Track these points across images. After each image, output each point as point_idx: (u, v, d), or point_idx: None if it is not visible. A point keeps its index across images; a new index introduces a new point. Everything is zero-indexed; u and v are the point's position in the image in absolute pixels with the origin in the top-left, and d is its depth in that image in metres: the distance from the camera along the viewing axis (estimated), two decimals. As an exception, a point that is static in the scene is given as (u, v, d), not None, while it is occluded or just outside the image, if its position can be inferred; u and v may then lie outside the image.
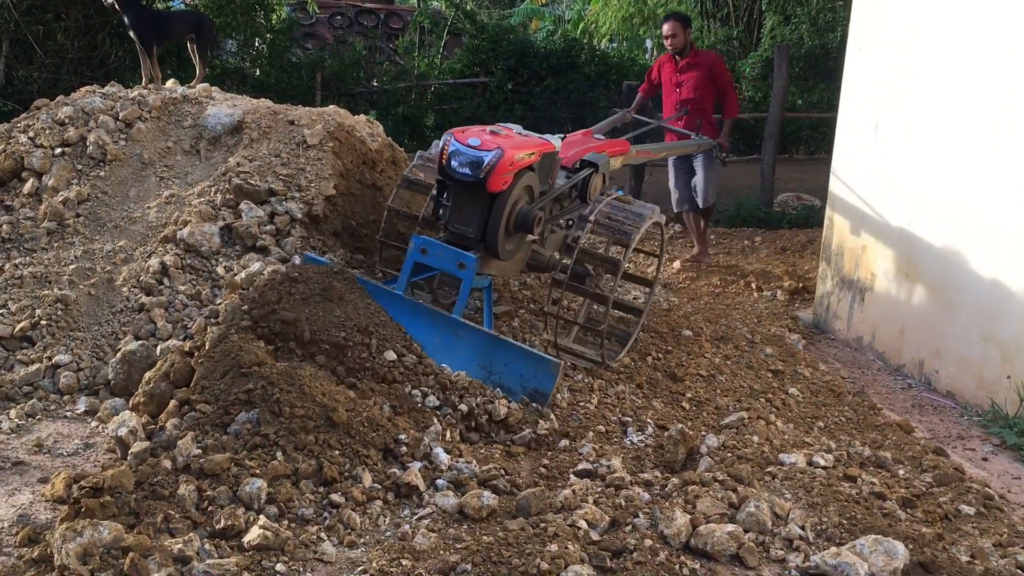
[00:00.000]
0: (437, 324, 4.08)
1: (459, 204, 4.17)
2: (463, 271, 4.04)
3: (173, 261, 4.54)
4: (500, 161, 3.96)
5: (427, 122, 14.50)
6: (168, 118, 5.47)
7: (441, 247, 4.09)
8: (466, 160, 3.99)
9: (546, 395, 3.95)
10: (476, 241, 4.16)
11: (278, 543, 2.80)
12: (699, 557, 3.04)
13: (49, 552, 2.66)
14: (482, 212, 4.12)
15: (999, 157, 4.72)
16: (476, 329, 4.10)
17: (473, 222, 4.14)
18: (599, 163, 4.81)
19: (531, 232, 4.27)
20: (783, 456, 3.80)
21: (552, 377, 3.95)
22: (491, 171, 3.96)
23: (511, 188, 4.11)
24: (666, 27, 7.44)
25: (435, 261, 4.11)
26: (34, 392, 4.06)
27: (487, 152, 3.97)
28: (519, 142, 4.16)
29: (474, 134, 4.10)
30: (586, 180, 4.72)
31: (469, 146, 4.00)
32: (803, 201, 10.67)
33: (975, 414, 4.79)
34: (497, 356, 4.02)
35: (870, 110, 5.89)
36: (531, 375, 3.97)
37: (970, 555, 3.17)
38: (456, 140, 4.06)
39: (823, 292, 6.43)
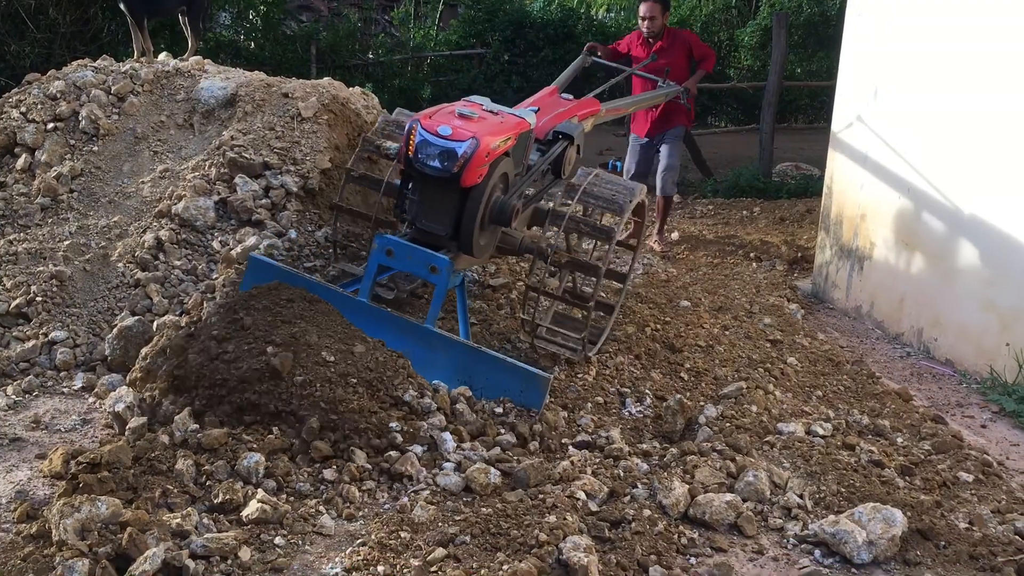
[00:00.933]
0: (408, 335, 3.64)
1: (428, 199, 3.70)
2: (436, 275, 3.64)
3: (168, 236, 4.52)
4: (476, 152, 3.53)
5: (423, 94, 14.40)
6: (161, 92, 5.41)
7: (409, 248, 3.65)
8: (436, 152, 3.54)
9: (535, 413, 3.58)
10: (447, 239, 3.74)
11: (276, 516, 2.80)
12: (697, 527, 3.05)
13: (47, 528, 2.66)
14: (454, 207, 3.68)
15: (998, 125, 4.69)
16: (453, 340, 3.70)
17: (444, 219, 3.70)
18: (574, 134, 4.43)
19: (508, 225, 3.86)
20: (781, 425, 3.80)
21: (541, 393, 3.57)
22: (466, 164, 3.53)
23: (487, 179, 3.69)
24: (644, 8, 6.94)
25: (403, 264, 3.69)
26: (31, 369, 4.04)
27: (461, 143, 3.53)
28: (494, 126, 3.71)
29: (443, 120, 3.64)
30: (561, 153, 4.35)
31: (439, 135, 3.55)
32: (802, 171, 10.63)
33: (974, 381, 4.79)
34: (478, 369, 3.62)
35: (869, 78, 5.84)
36: (517, 390, 3.59)
37: (968, 522, 3.18)
38: (424, 128, 3.59)
39: (822, 261, 6.41)
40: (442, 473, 3.13)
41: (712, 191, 9.88)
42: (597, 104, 4.99)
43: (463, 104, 3.85)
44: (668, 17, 7.11)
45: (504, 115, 3.90)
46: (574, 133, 4.43)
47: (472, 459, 3.22)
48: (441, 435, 3.28)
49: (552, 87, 5.02)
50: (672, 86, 6.60)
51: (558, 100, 4.78)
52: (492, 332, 4.28)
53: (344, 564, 2.61)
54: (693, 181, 10.37)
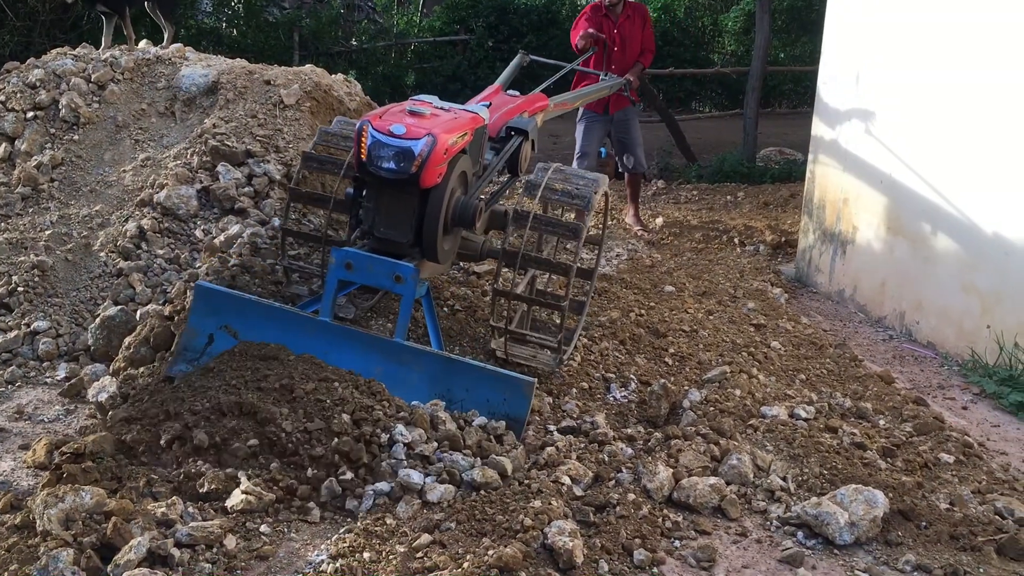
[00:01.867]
0: (378, 352, 3.44)
1: (385, 205, 3.49)
2: (401, 285, 3.42)
3: (150, 225, 4.49)
4: (433, 150, 3.32)
5: (407, 81, 14.35)
6: (141, 80, 5.38)
7: (369, 259, 3.42)
8: (391, 153, 3.32)
9: (521, 420, 3.37)
10: (409, 246, 3.53)
11: (261, 507, 2.80)
12: (682, 510, 3.07)
13: (31, 518, 2.65)
14: (414, 211, 3.47)
15: (980, 108, 4.71)
16: (426, 352, 3.49)
17: (404, 224, 3.48)
18: (528, 129, 4.26)
19: (472, 227, 3.68)
20: (765, 409, 3.82)
21: (526, 399, 3.36)
22: (424, 163, 3.31)
23: (446, 179, 3.49)
24: None
25: (364, 277, 3.47)
26: (13, 359, 4.02)
27: (416, 140, 3.31)
28: (448, 122, 3.51)
29: (395, 119, 3.42)
30: (516, 149, 4.19)
31: (393, 135, 3.33)
32: (785, 155, 10.67)
33: (955, 364, 4.83)
34: (456, 380, 3.40)
35: (851, 63, 5.86)
36: (500, 399, 3.37)
37: (949, 502, 3.22)
38: (375, 129, 3.37)
39: (805, 246, 6.44)
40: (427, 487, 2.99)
41: (696, 176, 9.90)
42: (545, 99, 4.85)
43: (412, 102, 3.64)
44: None
45: (457, 111, 3.71)
46: (528, 128, 4.27)
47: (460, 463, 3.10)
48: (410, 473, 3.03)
49: (496, 85, 4.90)
50: (614, 78, 6.52)
51: (505, 97, 4.63)
52: (477, 319, 4.28)
53: (330, 551, 2.61)
54: (677, 166, 10.39)
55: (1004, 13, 4.56)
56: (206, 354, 3.46)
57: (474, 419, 3.34)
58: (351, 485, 2.95)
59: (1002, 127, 4.56)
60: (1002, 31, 4.57)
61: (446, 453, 3.13)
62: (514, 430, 3.34)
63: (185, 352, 3.50)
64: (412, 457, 3.07)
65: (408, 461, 3.04)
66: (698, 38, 16.18)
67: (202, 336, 3.50)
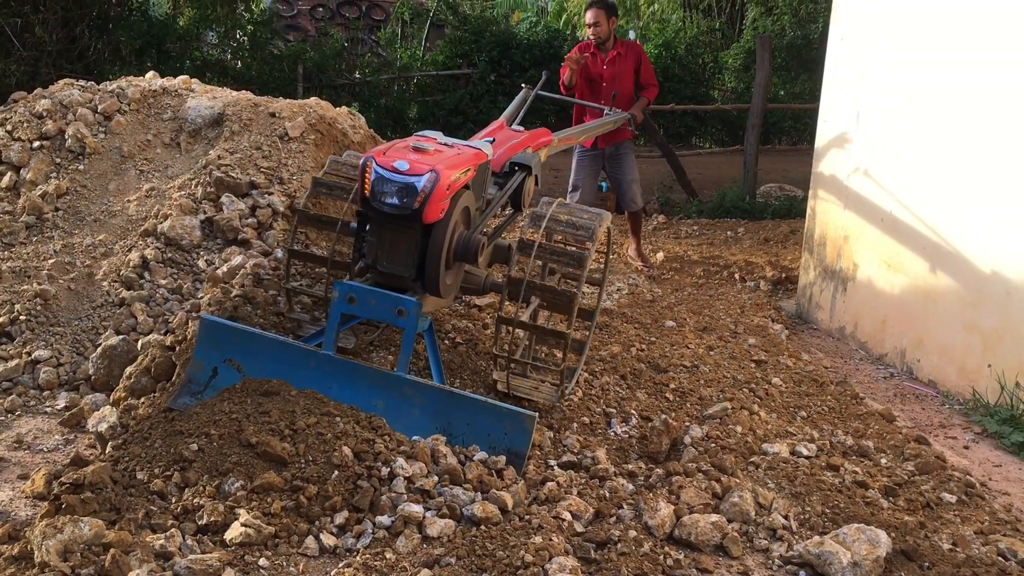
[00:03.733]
0: (378, 385, 3.45)
1: (387, 240, 3.51)
2: (404, 319, 3.42)
3: (154, 255, 4.51)
4: (436, 186, 3.35)
5: (410, 114, 14.45)
6: (148, 111, 5.42)
7: (372, 293, 3.44)
8: (395, 188, 3.36)
9: (523, 456, 3.34)
10: (411, 281, 3.54)
11: (260, 540, 2.79)
12: (683, 548, 3.05)
13: (29, 549, 2.64)
14: (417, 246, 3.49)
15: (980, 146, 4.74)
16: (427, 386, 3.46)
17: (407, 259, 3.50)
18: (531, 164, 4.31)
19: (474, 262, 3.69)
20: (766, 446, 3.81)
21: (527, 433, 3.34)
22: (427, 199, 3.33)
23: (449, 215, 3.51)
24: (589, 15, 6.88)
25: (367, 311, 3.47)
26: (13, 388, 4.02)
27: (419, 177, 3.34)
28: (452, 158, 3.54)
29: (399, 155, 3.46)
30: (519, 185, 4.22)
31: (396, 171, 3.37)
32: (786, 192, 10.72)
33: (956, 403, 4.82)
34: (457, 414, 3.39)
35: (852, 101, 5.90)
36: (501, 433, 3.35)
37: (952, 543, 3.20)
38: (379, 165, 3.40)
39: (806, 282, 6.45)
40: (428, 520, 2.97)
41: (697, 211, 9.95)
42: (549, 134, 4.86)
43: (416, 139, 3.67)
44: (615, 24, 7.02)
45: (460, 147, 3.74)
46: (531, 163, 4.31)
47: (460, 496, 3.09)
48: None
49: (500, 120, 4.91)
50: (619, 113, 6.53)
51: (510, 132, 4.64)
52: (478, 352, 4.28)
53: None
54: (678, 201, 10.44)
55: (998, 57, 4.61)
56: (210, 387, 3.46)
57: (475, 454, 3.33)
58: (350, 521, 2.94)
59: (1003, 166, 4.59)
60: (999, 76, 4.61)
61: (446, 487, 3.12)
62: (515, 465, 3.31)
63: (189, 384, 3.49)
64: (412, 491, 3.06)
65: (408, 495, 3.03)
66: (699, 75, 16.31)
67: (207, 369, 3.51)
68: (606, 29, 6.86)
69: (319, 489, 2.99)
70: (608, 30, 6.87)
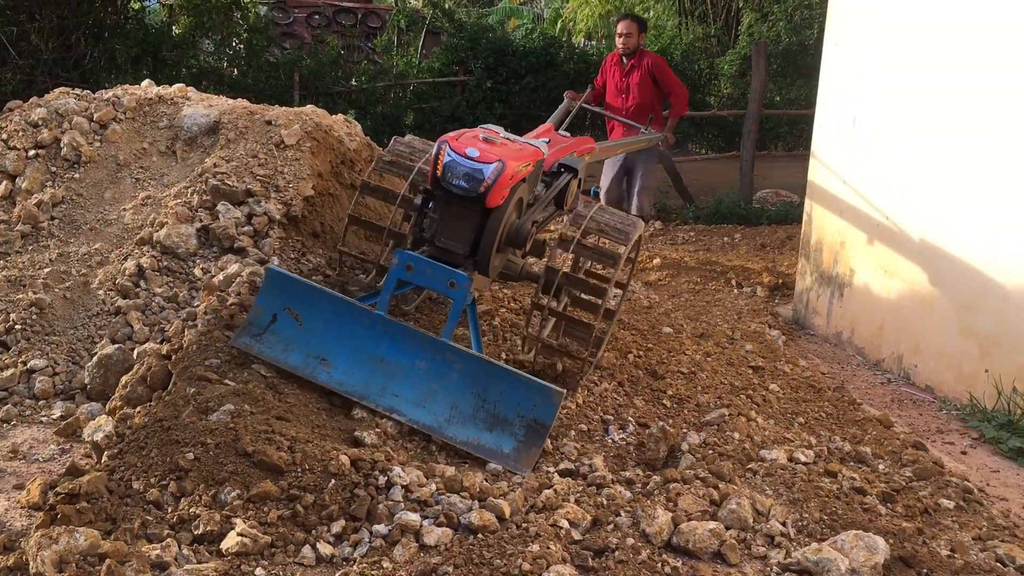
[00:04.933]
0: (424, 348, 3.69)
1: (449, 218, 3.83)
2: (455, 290, 3.69)
3: (149, 263, 4.50)
4: (501, 175, 3.68)
5: (406, 121, 14.45)
6: (143, 119, 5.41)
7: (429, 264, 3.72)
8: (464, 172, 3.67)
9: (547, 426, 3.58)
10: (464, 258, 3.84)
11: (257, 549, 2.77)
12: (681, 555, 3.04)
13: (24, 560, 2.62)
14: (475, 228, 3.81)
15: (976, 151, 4.75)
16: (468, 354, 3.72)
17: (464, 238, 3.81)
18: (577, 167, 4.63)
19: (523, 247, 4.02)
20: (764, 452, 3.80)
21: (554, 407, 3.58)
22: (492, 186, 3.67)
23: (507, 202, 3.83)
24: (621, 25, 7.38)
25: (422, 279, 3.75)
26: (9, 397, 4.00)
27: (488, 164, 3.67)
28: (516, 152, 3.88)
29: (470, 143, 3.77)
30: (565, 185, 4.54)
31: (467, 157, 3.69)
32: (782, 198, 10.74)
33: (954, 408, 4.82)
34: (492, 383, 3.62)
35: (848, 106, 5.91)
36: (530, 404, 3.58)
37: (950, 549, 3.19)
38: (452, 149, 3.72)
39: (802, 288, 6.45)
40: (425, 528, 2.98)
41: (693, 217, 9.96)
42: (592, 142, 5.19)
43: (483, 130, 3.99)
44: (644, 38, 7.46)
45: (521, 143, 4.05)
46: (577, 166, 4.62)
47: (457, 505, 3.09)
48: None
49: (548, 124, 5.22)
50: (653, 133, 6.89)
51: (558, 136, 4.98)
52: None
53: (326, 595, 2.58)
54: (674, 207, 10.44)
55: (993, 61, 4.62)
56: (268, 331, 3.74)
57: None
58: (347, 530, 2.93)
59: (999, 171, 4.60)
60: (994, 79, 4.62)
61: (444, 495, 3.11)
62: (538, 434, 3.55)
63: (250, 327, 3.76)
64: (409, 500, 3.05)
65: (406, 504, 3.03)
66: (695, 81, 16.32)
67: (267, 315, 3.77)
68: (635, 41, 7.35)
69: (316, 498, 2.99)
70: (637, 43, 7.36)
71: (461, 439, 3.56)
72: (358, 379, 3.66)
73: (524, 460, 3.51)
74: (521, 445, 3.55)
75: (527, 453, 3.53)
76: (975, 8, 4.82)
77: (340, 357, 3.69)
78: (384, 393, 3.63)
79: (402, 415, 3.59)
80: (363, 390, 3.63)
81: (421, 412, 3.60)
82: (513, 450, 3.54)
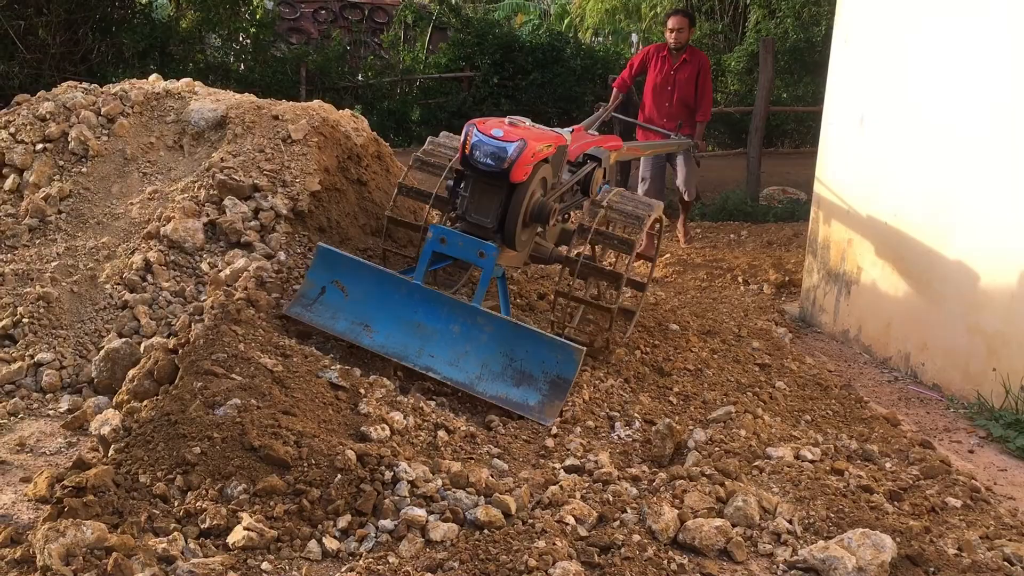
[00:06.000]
0: (457, 313, 4.09)
1: (478, 194, 4.17)
2: (483, 260, 4.08)
3: (157, 257, 4.50)
4: (523, 152, 3.99)
5: (412, 116, 14.46)
6: (151, 113, 5.41)
7: (460, 236, 4.11)
8: (489, 150, 4.00)
9: (568, 381, 3.95)
10: (493, 232, 4.16)
11: (263, 543, 2.78)
12: (687, 552, 3.04)
13: (31, 552, 2.63)
14: (501, 203, 4.14)
15: (984, 149, 4.73)
16: (497, 317, 4.11)
17: (491, 213, 4.15)
18: (601, 157, 4.91)
19: (547, 223, 4.33)
20: (770, 450, 3.80)
21: (575, 363, 3.95)
22: (514, 162, 3.98)
23: (530, 179, 4.14)
24: (673, 21, 7.64)
25: (454, 250, 4.12)
26: (16, 391, 4.01)
27: (510, 143, 3.99)
28: (538, 134, 4.21)
29: (495, 125, 4.12)
30: (589, 174, 4.81)
31: (492, 136, 4.02)
32: (789, 195, 10.71)
33: (961, 406, 4.81)
34: (519, 343, 4.01)
35: (856, 103, 5.89)
36: (553, 361, 3.96)
37: (957, 547, 3.18)
38: (479, 131, 4.07)
39: (809, 285, 6.44)
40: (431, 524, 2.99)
41: (700, 214, 9.93)
42: (620, 141, 5.54)
43: (510, 117, 4.31)
44: (693, 33, 7.80)
45: (545, 129, 4.41)
46: (602, 156, 4.95)
47: (464, 501, 3.09)
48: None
49: (578, 125, 5.51)
50: (682, 138, 7.29)
51: (585, 134, 5.31)
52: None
53: (332, 590, 2.58)
54: (680, 204, 10.42)
55: (1005, 59, 4.60)
56: (318, 302, 4.15)
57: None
58: (353, 525, 2.93)
59: (1008, 170, 4.58)
60: (1005, 79, 4.60)
61: (450, 491, 3.11)
62: (560, 388, 3.94)
63: (301, 298, 4.18)
64: (416, 495, 3.05)
65: (412, 499, 3.03)
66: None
67: (317, 287, 4.18)
68: (686, 36, 7.59)
69: (322, 492, 2.99)
70: (688, 37, 7.61)
71: (490, 394, 3.94)
72: (397, 342, 4.05)
73: (548, 411, 3.90)
74: (545, 398, 3.93)
75: (551, 405, 3.92)
76: (983, 8, 4.79)
77: (381, 323, 4.08)
78: (421, 354, 4.02)
79: (437, 373, 3.97)
80: (402, 352, 4.02)
81: (454, 371, 3.98)
82: (538, 403, 3.92)
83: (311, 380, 3.63)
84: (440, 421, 3.66)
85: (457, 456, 3.46)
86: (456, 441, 3.58)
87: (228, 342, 3.70)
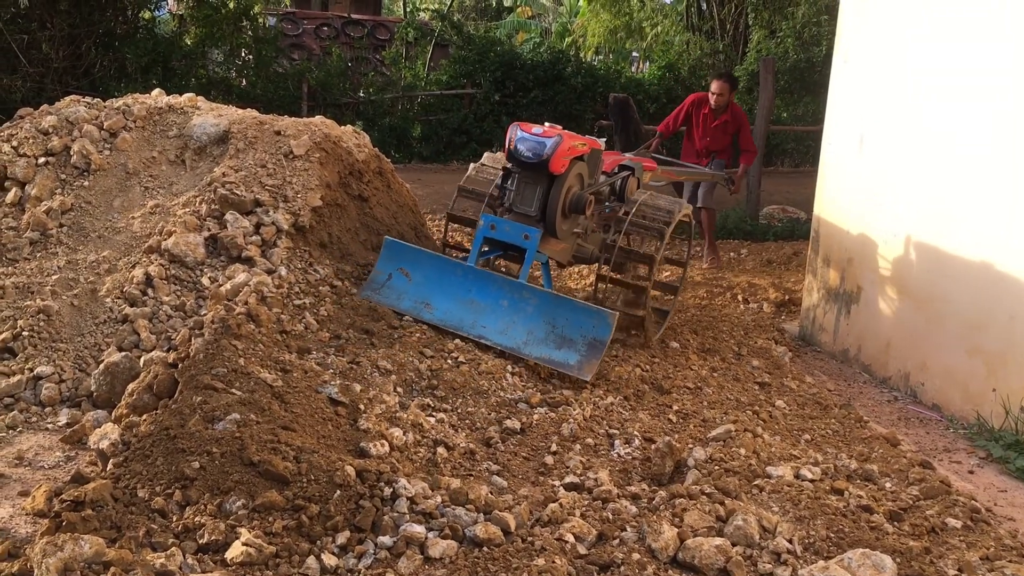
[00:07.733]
0: (505, 289, 4.69)
1: (522, 187, 4.86)
2: (528, 242, 4.69)
3: (157, 272, 4.50)
4: (560, 146, 4.65)
5: (414, 133, 14.49)
6: (153, 128, 5.43)
7: (508, 223, 4.77)
8: (530, 145, 4.67)
9: (604, 342, 4.48)
10: (536, 220, 4.82)
11: (261, 559, 2.76)
12: (687, 571, 3.02)
13: (29, 567, 2.62)
14: (542, 193, 4.81)
15: (984, 169, 4.75)
16: (540, 291, 4.70)
17: (534, 203, 4.82)
18: (635, 168, 5.55)
19: (583, 213, 4.94)
20: (770, 469, 3.78)
21: (609, 326, 4.49)
22: (552, 154, 4.63)
23: (567, 172, 4.80)
24: (716, 85, 8.25)
25: (503, 235, 4.75)
26: (15, 404, 4.00)
27: (548, 138, 4.66)
28: (573, 134, 4.86)
29: (535, 125, 4.81)
30: (624, 180, 5.38)
31: (533, 134, 4.69)
32: (788, 214, 10.73)
33: (961, 427, 4.80)
34: (559, 312, 4.57)
35: (855, 123, 5.91)
36: (590, 326, 4.50)
37: (957, 569, 3.17)
38: (521, 130, 4.76)
39: (809, 304, 6.44)
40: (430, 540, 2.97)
41: (700, 233, 9.93)
42: (654, 163, 6.15)
43: (548, 123, 4.93)
44: (733, 96, 8.38)
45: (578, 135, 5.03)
46: (635, 167, 5.59)
47: (463, 518, 3.08)
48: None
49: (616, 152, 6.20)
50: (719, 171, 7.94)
51: (621, 154, 5.98)
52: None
53: (330, 607, 2.57)
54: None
55: (1006, 81, 4.62)
56: (385, 287, 4.81)
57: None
58: (352, 541, 2.92)
59: (1008, 190, 4.59)
60: (1004, 98, 4.62)
61: (449, 507, 3.10)
62: (596, 349, 4.48)
63: (371, 283, 4.84)
64: (415, 512, 3.04)
65: (411, 516, 3.01)
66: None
67: (384, 275, 4.85)
68: (727, 99, 8.26)
69: (321, 508, 2.98)
70: (728, 100, 8.27)
71: (536, 356, 4.50)
72: (454, 316, 4.67)
73: (586, 369, 4.45)
74: (583, 358, 4.47)
75: (588, 364, 4.46)
76: (984, 26, 4.82)
77: (440, 300, 4.72)
78: (475, 326, 4.63)
79: (490, 340, 4.56)
80: (458, 324, 4.63)
81: (504, 338, 4.57)
82: (577, 362, 4.46)
83: (311, 395, 3.63)
84: (439, 437, 3.66)
85: (456, 473, 3.45)
86: (455, 457, 3.57)
87: (228, 357, 3.70)
